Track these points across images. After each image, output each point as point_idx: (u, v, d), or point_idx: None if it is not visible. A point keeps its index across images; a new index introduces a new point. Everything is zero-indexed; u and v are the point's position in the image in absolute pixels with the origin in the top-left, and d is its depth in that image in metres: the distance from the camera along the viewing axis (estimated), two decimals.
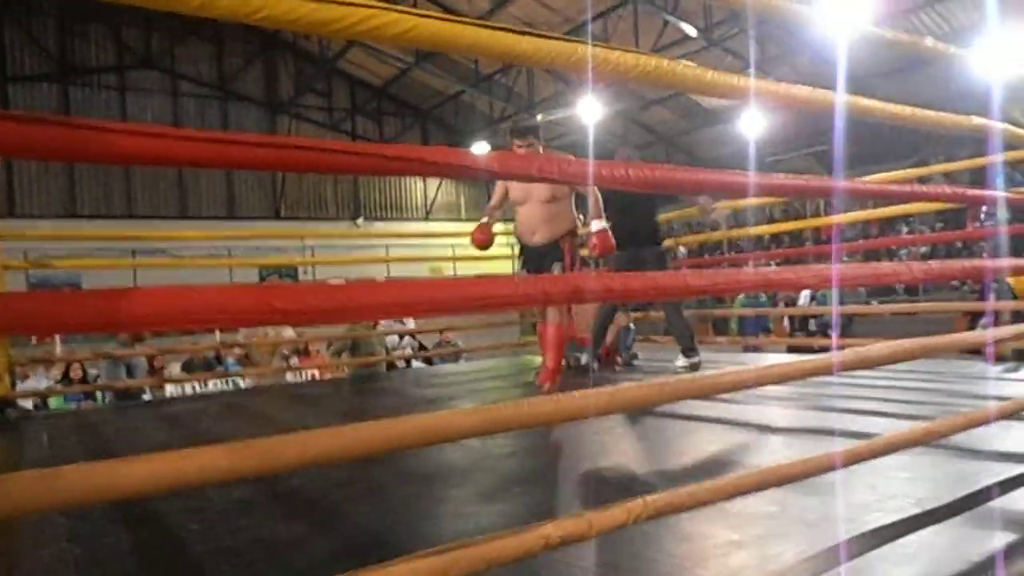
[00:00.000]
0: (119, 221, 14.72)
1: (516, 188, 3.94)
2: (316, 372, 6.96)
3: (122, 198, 15.59)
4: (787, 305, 9.18)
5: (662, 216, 7.42)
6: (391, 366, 7.13)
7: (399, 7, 1.16)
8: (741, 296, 9.41)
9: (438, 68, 15.40)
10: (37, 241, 6.30)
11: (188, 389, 7.26)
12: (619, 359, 5.23)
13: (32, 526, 1.92)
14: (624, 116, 16.38)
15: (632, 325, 5.50)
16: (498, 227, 4.40)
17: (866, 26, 2.11)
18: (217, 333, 7.41)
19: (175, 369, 8.77)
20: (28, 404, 5.11)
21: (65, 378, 6.57)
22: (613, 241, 3.69)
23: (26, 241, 5.13)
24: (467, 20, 1.22)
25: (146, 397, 6.22)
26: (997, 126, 2.28)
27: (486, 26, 1.22)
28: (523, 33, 1.26)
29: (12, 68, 14.55)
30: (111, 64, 15.69)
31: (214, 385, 7.95)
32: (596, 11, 12.65)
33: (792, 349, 7.33)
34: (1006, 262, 2.56)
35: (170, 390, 6.96)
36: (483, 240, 4.01)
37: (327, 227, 16.22)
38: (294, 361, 7.75)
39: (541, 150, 3.82)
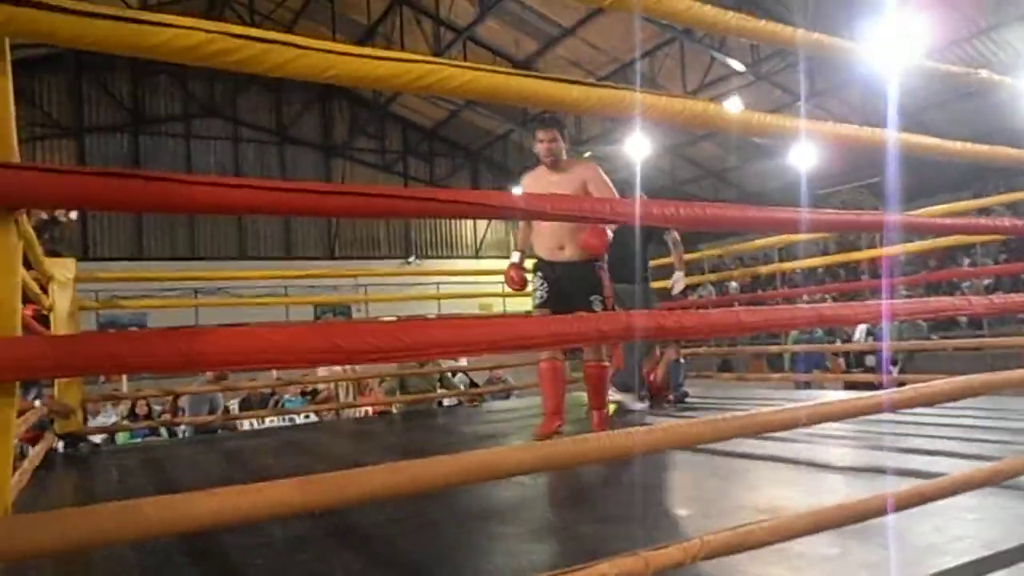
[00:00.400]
0: (183, 263, 15.30)
1: None
2: (369, 409, 7.04)
3: (185, 241, 16.23)
4: (844, 341, 8.95)
5: (711, 252, 7.38)
6: (464, 401, 7.22)
7: (447, 61, 1.23)
8: (794, 332, 9.21)
9: (487, 109, 15.71)
10: (107, 283, 6.61)
11: (246, 425, 7.43)
12: (670, 396, 5.17)
13: (103, 559, 1.99)
14: (672, 151, 16.39)
15: (683, 359, 5.44)
16: None
17: (916, 60, 2.11)
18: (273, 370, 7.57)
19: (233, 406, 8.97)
20: (98, 439, 5.31)
21: (131, 414, 6.81)
22: (605, 240, 3.29)
23: (98, 283, 5.40)
24: (519, 72, 1.28)
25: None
26: None
27: (537, 76, 1.28)
28: (572, 82, 1.31)
29: (89, 119, 15.42)
30: (178, 113, 16.50)
31: (271, 421, 8.10)
32: (643, 50, 12.78)
33: (850, 386, 7.12)
34: None
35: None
36: (519, 279, 3.66)
37: (380, 266, 16.53)
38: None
39: (565, 146, 3.52)
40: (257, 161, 17.30)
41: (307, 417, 6.95)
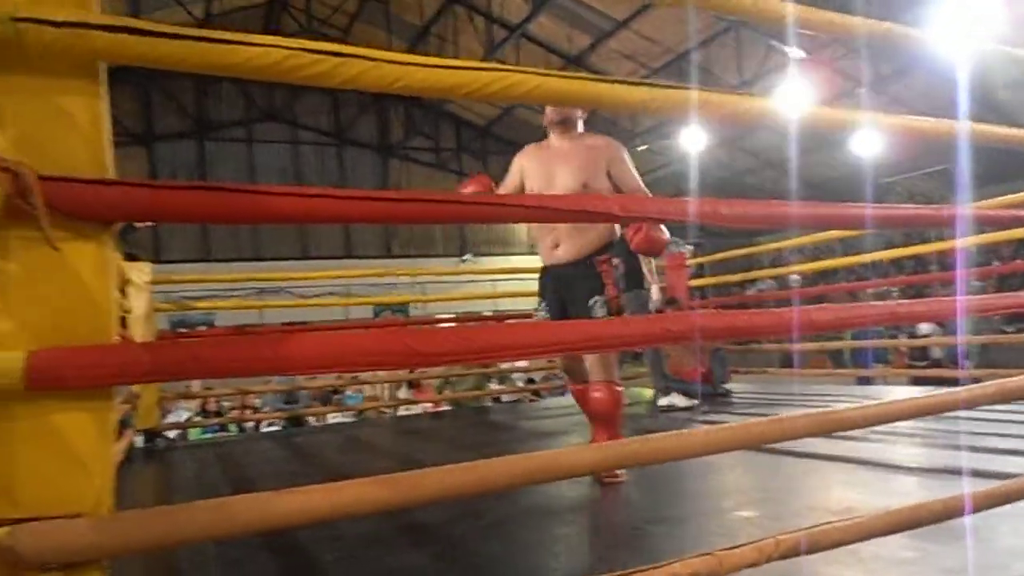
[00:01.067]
0: (247, 264, 15.78)
1: (535, 176, 2.87)
2: (430, 404, 7.16)
3: (249, 243, 16.73)
4: (909, 334, 8.65)
5: (770, 246, 7.26)
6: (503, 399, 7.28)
7: (515, 68, 1.25)
8: None
9: (540, 107, 15.68)
10: (178, 285, 6.89)
11: (312, 420, 7.65)
12: (718, 389, 5.20)
13: (187, 551, 2.09)
14: (729, 143, 16.07)
15: (723, 350, 5.43)
16: None
17: (987, 46, 2.03)
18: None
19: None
20: (172, 435, 5.53)
21: (202, 411, 7.08)
22: (663, 237, 2.68)
23: (170, 285, 5.64)
24: (584, 75, 1.29)
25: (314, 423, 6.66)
26: None
27: (602, 80, 1.29)
28: (638, 84, 1.31)
29: (158, 127, 16.05)
30: (240, 119, 17.00)
31: (333, 418, 8.32)
32: (698, 40, 12.56)
33: (916, 381, 6.88)
34: None
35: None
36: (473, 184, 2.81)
37: (436, 264, 16.73)
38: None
39: (582, 115, 2.92)
40: (317, 163, 17.70)
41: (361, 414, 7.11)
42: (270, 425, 6.64)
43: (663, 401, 4.77)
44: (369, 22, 14.58)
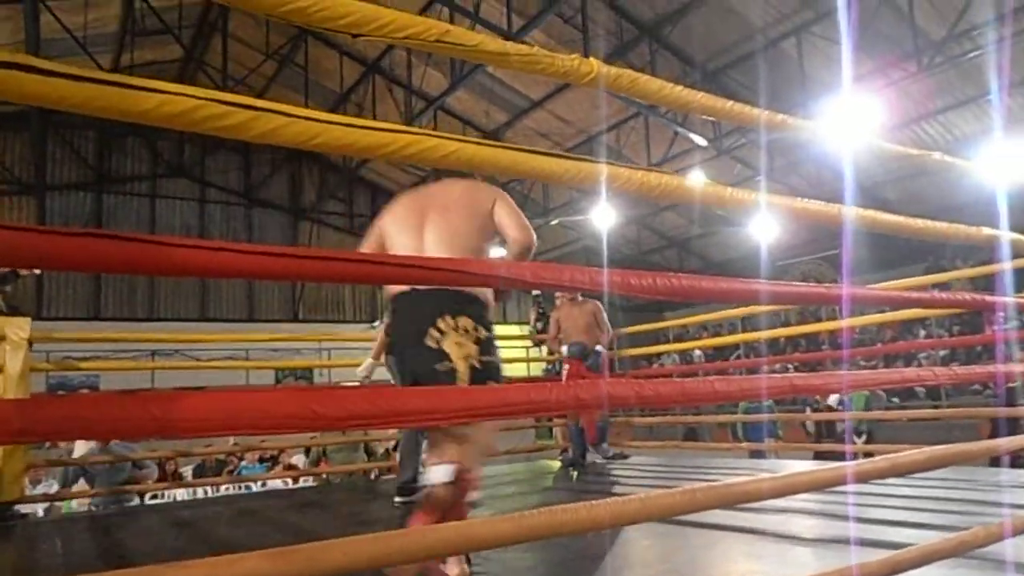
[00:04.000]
0: (141, 323, 14.98)
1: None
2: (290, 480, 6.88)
3: (145, 301, 15.93)
4: (814, 410, 9.06)
5: (676, 322, 7.52)
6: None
7: (433, 132, 1.26)
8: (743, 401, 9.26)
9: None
10: (61, 343, 6.43)
11: (200, 492, 7.20)
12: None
13: None
14: (637, 221, 16.74)
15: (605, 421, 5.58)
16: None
17: (875, 140, 2.21)
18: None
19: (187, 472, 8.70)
20: (39, 509, 5.05)
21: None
22: None
23: (51, 343, 5.22)
24: (502, 144, 1.32)
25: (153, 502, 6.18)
26: (1007, 235, 2.34)
27: (520, 149, 1.32)
28: (552, 155, 1.35)
29: (52, 177, 15.25)
30: (144, 173, 16.43)
31: (226, 489, 7.88)
32: (609, 123, 13.17)
33: (819, 455, 7.15)
34: None
35: (181, 494, 6.91)
36: None
37: (344, 330, 16.37)
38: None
39: None
40: (223, 222, 17.21)
41: (263, 485, 6.74)
42: (154, 497, 6.18)
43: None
44: (287, 85, 14.55)
